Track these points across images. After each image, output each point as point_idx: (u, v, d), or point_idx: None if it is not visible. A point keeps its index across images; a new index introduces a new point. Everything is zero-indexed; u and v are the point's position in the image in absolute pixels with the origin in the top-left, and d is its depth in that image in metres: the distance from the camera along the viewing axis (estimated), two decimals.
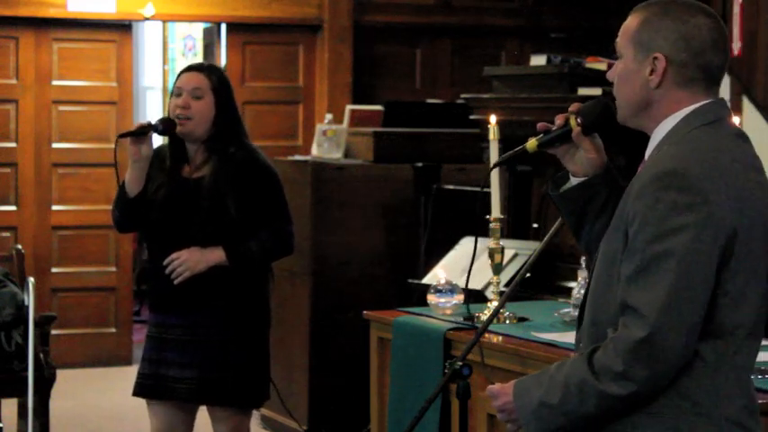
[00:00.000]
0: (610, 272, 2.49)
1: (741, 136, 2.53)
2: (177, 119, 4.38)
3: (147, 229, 4.50)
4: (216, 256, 4.35)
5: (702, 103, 2.51)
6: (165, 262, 4.37)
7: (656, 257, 2.37)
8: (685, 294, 2.36)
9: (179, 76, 4.48)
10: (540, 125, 2.77)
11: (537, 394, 2.51)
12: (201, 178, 4.39)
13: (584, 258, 4.01)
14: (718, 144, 2.47)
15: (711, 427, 2.42)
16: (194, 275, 4.36)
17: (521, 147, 2.79)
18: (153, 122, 4.41)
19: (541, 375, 2.56)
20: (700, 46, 2.50)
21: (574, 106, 2.73)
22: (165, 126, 4.38)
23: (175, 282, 4.35)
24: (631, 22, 2.57)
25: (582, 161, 2.72)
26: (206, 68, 4.52)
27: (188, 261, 4.34)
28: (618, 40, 2.60)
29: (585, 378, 2.43)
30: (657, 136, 2.54)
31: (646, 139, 2.59)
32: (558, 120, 2.73)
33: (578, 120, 2.70)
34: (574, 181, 2.74)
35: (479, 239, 4.95)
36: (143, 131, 4.36)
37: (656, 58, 2.50)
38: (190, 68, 4.50)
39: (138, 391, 4.51)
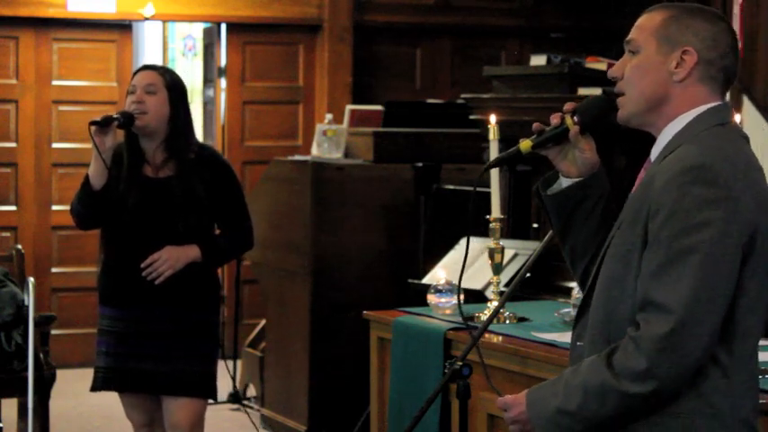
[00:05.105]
0: (624, 266, 2.45)
1: (745, 138, 2.53)
2: (134, 114, 4.46)
3: (117, 229, 4.55)
4: (192, 253, 4.49)
5: (717, 103, 2.52)
6: (145, 264, 4.46)
7: (681, 252, 2.34)
8: (711, 290, 2.34)
9: (134, 75, 4.58)
10: (535, 125, 2.71)
11: (553, 402, 2.47)
12: (169, 178, 4.48)
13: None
14: (735, 144, 2.47)
15: (725, 429, 2.41)
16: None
17: (514, 148, 2.71)
18: (115, 115, 4.47)
19: (555, 383, 2.51)
20: (725, 49, 2.51)
21: (568, 105, 2.68)
22: (126, 119, 4.44)
23: (157, 282, 4.46)
24: (653, 17, 2.54)
25: (576, 161, 2.68)
26: (160, 68, 4.63)
27: (169, 260, 4.46)
28: (634, 35, 2.55)
29: (606, 380, 2.39)
30: (668, 133, 2.51)
31: (649, 140, 2.57)
32: (554, 119, 2.68)
33: (575, 118, 2.65)
34: (565, 182, 2.70)
35: (480, 240, 4.97)
36: (107, 122, 4.41)
37: (685, 52, 2.49)
38: (145, 67, 4.61)
39: (105, 386, 4.60)
